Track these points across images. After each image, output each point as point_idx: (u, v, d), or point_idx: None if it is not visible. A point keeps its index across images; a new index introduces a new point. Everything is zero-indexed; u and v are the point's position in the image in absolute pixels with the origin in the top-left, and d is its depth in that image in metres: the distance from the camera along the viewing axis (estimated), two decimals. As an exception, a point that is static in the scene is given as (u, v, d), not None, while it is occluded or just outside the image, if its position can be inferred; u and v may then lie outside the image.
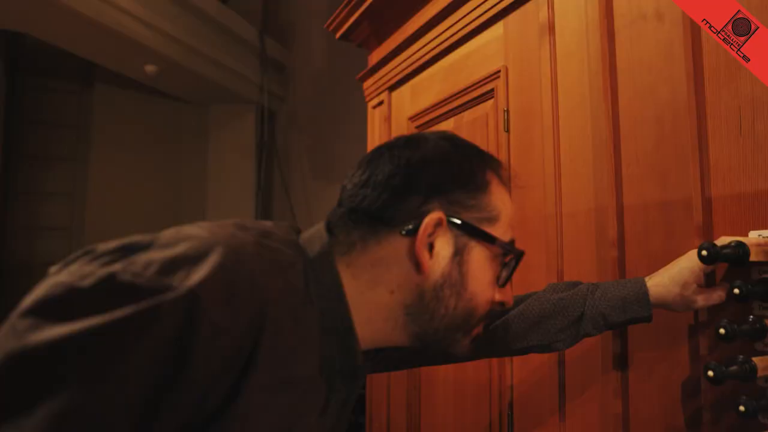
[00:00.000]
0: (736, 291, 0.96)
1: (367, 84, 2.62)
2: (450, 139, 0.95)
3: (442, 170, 0.89)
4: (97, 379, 0.62)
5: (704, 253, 0.96)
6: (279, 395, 0.78)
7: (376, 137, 2.52)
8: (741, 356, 0.96)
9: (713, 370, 0.94)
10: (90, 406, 0.62)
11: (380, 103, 2.49)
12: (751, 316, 0.99)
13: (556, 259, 1.47)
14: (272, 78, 5.53)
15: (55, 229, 5.10)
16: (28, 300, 0.66)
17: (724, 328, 0.95)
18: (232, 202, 5.57)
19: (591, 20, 1.42)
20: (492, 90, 1.77)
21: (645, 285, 1.10)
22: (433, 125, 2.10)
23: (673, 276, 1.08)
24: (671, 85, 1.22)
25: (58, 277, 0.68)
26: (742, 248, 0.96)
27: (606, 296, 1.13)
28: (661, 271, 1.11)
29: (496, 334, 1.21)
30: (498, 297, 0.95)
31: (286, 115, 5.76)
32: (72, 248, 5.04)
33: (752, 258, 0.97)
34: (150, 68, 4.56)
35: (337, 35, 2.63)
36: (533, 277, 1.52)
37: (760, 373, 0.95)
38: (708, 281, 1.10)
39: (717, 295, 1.06)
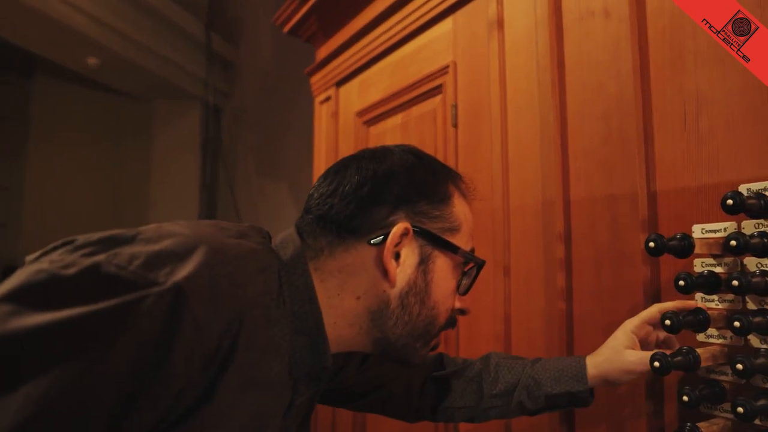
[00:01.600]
0: (681, 283, 0.97)
1: (314, 79, 2.59)
2: (414, 152, 0.98)
3: (408, 182, 0.92)
4: (79, 368, 0.62)
5: (651, 244, 0.97)
6: (250, 395, 0.79)
7: (322, 133, 2.49)
8: (685, 347, 0.97)
9: (659, 361, 0.95)
10: (70, 392, 0.62)
11: (328, 98, 2.47)
12: (694, 309, 1.00)
13: (503, 253, 1.48)
14: (218, 74, 5.46)
15: (-9, 224, 4.94)
16: (6, 286, 0.65)
17: (670, 319, 0.96)
18: (176, 200, 5.47)
19: (540, 16, 1.43)
20: (440, 85, 1.77)
21: (584, 360, 1.11)
22: (381, 120, 2.09)
23: (611, 345, 1.08)
24: (618, 81, 1.23)
25: (38, 265, 0.68)
26: (687, 240, 0.97)
27: (544, 367, 1.14)
28: (601, 346, 1.11)
29: (436, 385, 1.23)
30: (458, 305, 0.99)
31: (232, 111, 5.69)
32: (8, 245, 4.88)
33: (696, 251, 0.98)
34: (92, 60, 4.45)
35: (285, 30, 2.60)
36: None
37: (703, 364, 0.97)
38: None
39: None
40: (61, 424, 0.61)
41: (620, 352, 1.06)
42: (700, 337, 1.03)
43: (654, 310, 1.07)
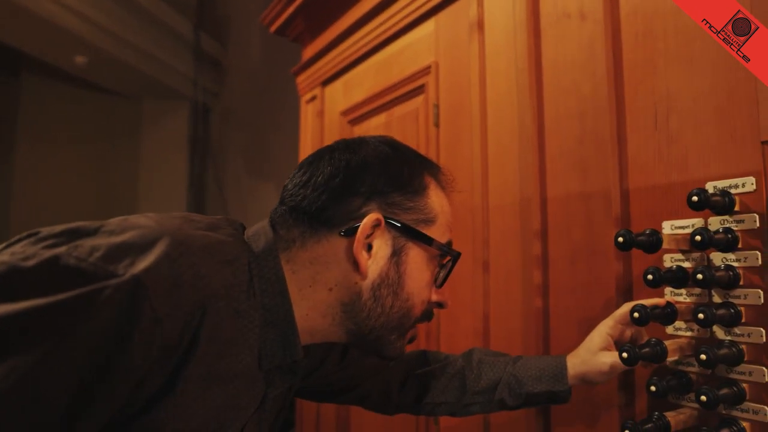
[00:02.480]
0: (649, 277, 1.01)
1: (300, 79, 2.62)
2: (389, 143, 0.97)
3: (381, 173, 0.91)
4: (35, 359, 0.62)
5: (620, 239, 1.00)
6: (215, 388, 0.79)
7: (308, 132, 2.52)
8: (653, 339, 1.00)
9: (627, 352, 0.98)
10: (24, 382, 0.62)
11: (313, 98, 2.49)
12: (664, 301, 1.03)
13: (482, 251, 1.51)
14: (207, 73, 5.46)
15: (-23, 224, 4.93)
16: None
17: (638, 312, 0.99)
18: (164, 199, 5.45)
19: (519, 19, 1.46)
20: (423, 85, 1.80)
21: (565, 361, 1.14)
22: (365, 120, 2.12)
23: (588, 346, 1.11)
24: (593, 81, 1.27)
25: (0, 257, 0.68)
26: (655, 235, 1.00)
27: (526, 366, 1.16)
28: (578, 348, 1.14)
29: (419, 381, 1.24)
30: (435, 297, 0.98)
31: (221, 110, 5.69)
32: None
33: (665, 246, 1.02)
34: (80, 59, 4.44)
35: (272, 29, 2.63)
36: (459, 268, 1.54)
37: (670, 356, 1.00)
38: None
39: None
40: (13, 414, 0.62)
41: (595, 353, 1.09)
42: (669, 329, 1.07)
43: (625, 309, 1.09)
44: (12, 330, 0.62)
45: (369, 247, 0.89)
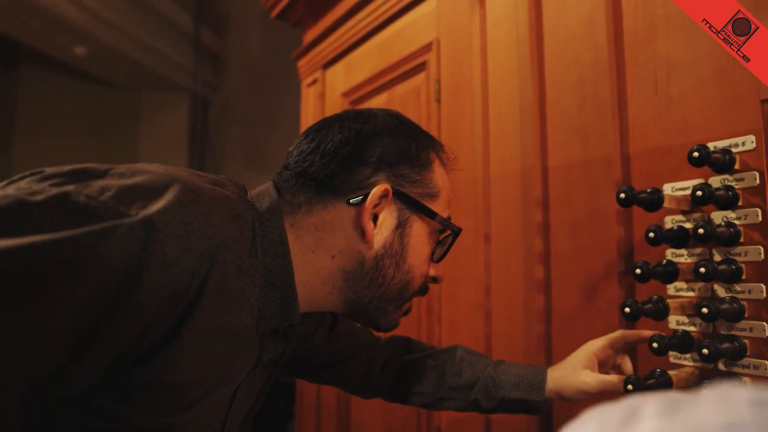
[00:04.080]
0: (651, 235, 1.02)
1: (302, 63, 2.62)
2: (397, 116, 0.98)
3: (391, 145, 0.92)
4: (36, 297, 0.61)
5: (622, 195, 1.01)
6: (215, 343, 0.78)
7: (309, 115, 2.52)
8: (655, 296, 1.01)
9: (630, 307, 0.99)
10: (25, 318, 0.61)
11: (314, 81, 2.50)
12: (664, 260, 1.04)
13: (483, 222, 1.51)
14: (206, 66, 5.47)
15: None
16: None
17: (640, 268, 1.00)
18: (163, 192, 5.44)
19: (519, -9, 1.47)
20: (424, 63, 1.81)
21: (545, 372, 1.14)
22: (366, 100, 2.12)
23: (571, 363, 1.11)
24: (594, 50, 1.27)
25: (3, 191, 0.66)
26: (657, 194, 1.01)
27: (506, 371, 1.16)
28: (561, 362, 1.14)
29: (399, 366, 1.24)
30: (432, 272, 0.99)
31: (220, 104, 5.70)
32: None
33: (666, 204, 1.03)
34: (80, 50, 4.45)
35: (273, 14, 2.63)
36: (460, 241, 1.55)
37: (671, 314, 1.01)
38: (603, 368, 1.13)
39: (605, 383, 1.07)
40: (13, 350, 0.61)
41: (578, 371, 1.09)
42: (670, 290, 1.08)
43: (618, 335, 1.10)
44: (15, 265, 0.61)
45: (375, 218, 0.89)
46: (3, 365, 0.61)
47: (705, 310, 0.94)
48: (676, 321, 1.07)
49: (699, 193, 0.96)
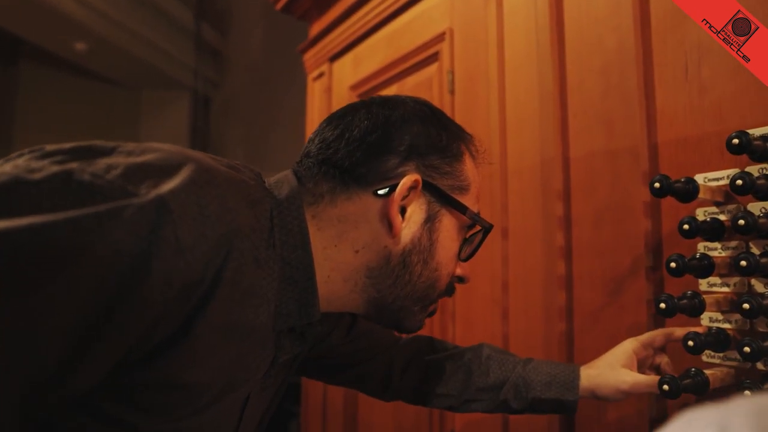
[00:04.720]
0: (686, 227, 0.96)
1: (307, 56, 2.57)
2: (427, 104, 0.91)
3: (421, 133, 0.85)
4: (34, 286, 0.55)
5: (657, 185, 0.96)
6: (231, 341, 0.71)
7: (315, 109, 2.48)
8: (689, 291, 0.96)
9: (665, 302, 0.94)
10: (20, 315, 0.55)
11: (321, 74, 2.45)
12: (698, 254, 0.99)
13: (501, 217, 1.46)
14: (208, 63, 5.43)
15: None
16: None
17: (675, 262, 0.95)
18: (164, 190, 5.42)
19: (538, -24, 1.42)
20: (437, 53, 1.76)
21: (578, 370, 1.06)
22: (376, 92, 2.07)
23: (608, 360, 1.03)
24: (618, 34, 1.22)
25: (1, 168, 0.60)
26: (692, 183, 0.96)
27: (536, 369, 1.08)
28: (596, 360, 1.06)
29: (423, 367, 1.17)
30: (459, 271, 0.92)
31: (221, 101, 5.66)
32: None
33: (700, 195, 0.97)
34: (80, 46, 4.40)
35: (278, 7, 2.58)
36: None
37: (707, 309, 0.96)
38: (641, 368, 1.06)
39: (646, 384, 0.98)
40: (11, 342, 0.55)
41: (616, 369, 1.01)
42: (703, 285, 1.02)
43: (659, 333, 1.03)
44: (11, 250, 0.55)
45: (402, 210, 0.83)
46: (1, 363, 0.55)
47: (746, 305, 0.89)
48: (709, 318, 1.01)
49: (739, 182, 0.90)
